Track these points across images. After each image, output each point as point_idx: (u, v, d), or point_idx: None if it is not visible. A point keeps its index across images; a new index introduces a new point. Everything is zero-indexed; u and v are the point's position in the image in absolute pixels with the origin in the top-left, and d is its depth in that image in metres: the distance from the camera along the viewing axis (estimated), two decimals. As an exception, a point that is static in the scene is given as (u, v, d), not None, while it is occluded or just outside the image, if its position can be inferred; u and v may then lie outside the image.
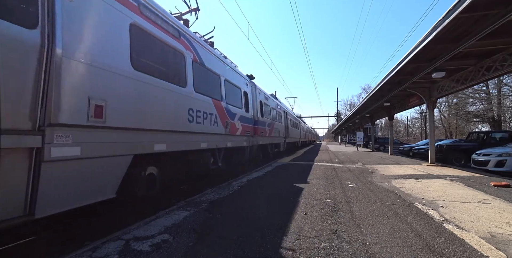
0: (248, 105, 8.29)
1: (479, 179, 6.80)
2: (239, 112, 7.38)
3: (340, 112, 60.87)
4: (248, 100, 8.42)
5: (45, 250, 2.91)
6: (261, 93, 10.32)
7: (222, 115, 6.13)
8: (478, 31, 5.35)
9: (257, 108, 9.26)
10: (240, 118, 7.39)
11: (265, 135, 10.21)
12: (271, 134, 11.29)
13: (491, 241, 2.76)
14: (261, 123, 9.57)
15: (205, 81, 5.55)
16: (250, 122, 8.38)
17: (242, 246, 2.61)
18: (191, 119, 4.78)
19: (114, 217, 3.96)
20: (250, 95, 8.70)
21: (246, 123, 7.88)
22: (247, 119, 8.07)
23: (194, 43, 5.18)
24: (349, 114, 29.16)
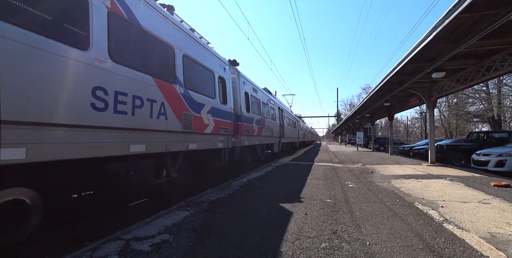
0: (226, 96, 6.45)
1: (479, 179, 6.80)
2: (211, 103, 5.55)
3: (340, 112, 60.89)
4: (227, 89, 6.57)
5: (45, 250, 2.91)
6: (248, 83, 8.62)
7: (176, 104, 4.32)
8: (478, 31, 5.35)
9: (241, 101, 7.59)
10: (212, 111, 5.58)
11: (253, 134, 8.57)
12: (262, 133, 9.69)
13: (491, 241, 2.76)
14: (246, 119, 7.94)
15: (139, 49, 3.72)
16: (229, 117, 6.57)
17: (242, 246, 2.61)
18: (101, 106, 2.95)
19: (114, 217, 3.96)
20: (230, 83, 6.87)
21: (221, 118, 6.06)
22: (224, 113, 6.27)
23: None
24: (349, 114, 29.16)
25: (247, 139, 7.96)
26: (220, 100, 6.12)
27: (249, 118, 8.33)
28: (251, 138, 8.45)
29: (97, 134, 2.93)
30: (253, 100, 9.07)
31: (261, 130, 9.71)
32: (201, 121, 5.17)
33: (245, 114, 7.95)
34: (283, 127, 14.35)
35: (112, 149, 3.13)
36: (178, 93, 4.46)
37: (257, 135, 9.06)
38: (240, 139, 7.34)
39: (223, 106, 6.29)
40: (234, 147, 7.14)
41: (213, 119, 5.62)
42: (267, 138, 10.71)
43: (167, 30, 4.34)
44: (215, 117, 5.74)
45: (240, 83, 7.79)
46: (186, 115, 4.63)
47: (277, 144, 12.82)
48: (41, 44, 2.38)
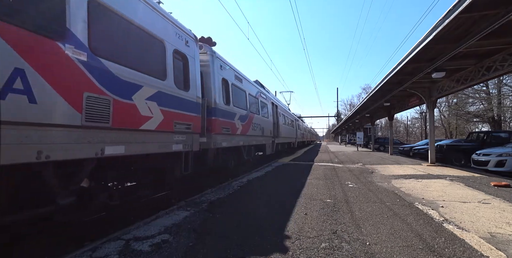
0: (188, 79, 4.71)
1: (479, 179, 6.80)
2: (156, 86, 3.80)
3: (340, 112, 60.88)
4: (190, 71, 4.79)
5: (45, 250, 2.91)
6: (228, 69, 6.90)
7: (67, 79, 2.61)
8: (478, 31, 5.35)
9: (216, 90, 5.87)
10: (160, 98, 3.87)
11: (235, 132, 7.00)
12: (248, 132, 8.08)
13: (491, 241, 2.76)
14: (224, 113, 6.25)
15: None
16: (194, 109, 4.82)
17: (242, 246, 2.61)
18: None
19: (114, 217, 3.96)
20: (196, 64, 5.03)
21: (179, 110, 4.33)
22: (184, 102, 4.52)
23: None
24: (349, 114, 29.18)
25: (226, 139, 6.33)
26: (175, 84, 4.26)
27: (229, 112, 6.60)
28: (233, 138, 6.86)
29: None
30: (236, 90, 7.33)
31: (247, 128, 8.06)
32: (134, 111, 3.35)
33: (223, 107, 6.18)
34: (277, 126, 12.70)
35: None
36: (73, 60, 2.66)
37: (241, 134, 7.46)
38: (215, 139, 5.71)
39: (183, 93, 4.46)
40: (206, 150, 5.52)
41: (160, 110, 3.80)
42: (257, 138, 9.06)
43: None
44: (166, 107, 3.95)
45: (215, 66, 5.98)
46: (94, 99, 2.83)
47: (270, 145, 11.15)
48: None
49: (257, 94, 9.55)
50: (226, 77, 6.68)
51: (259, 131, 9.35)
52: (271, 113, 11.60)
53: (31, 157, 2.26)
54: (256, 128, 8.94)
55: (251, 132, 8.41)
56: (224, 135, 6.28)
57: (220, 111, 6.08)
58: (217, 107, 5.93)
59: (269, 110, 11.26)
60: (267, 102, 11.12)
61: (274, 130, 11.82)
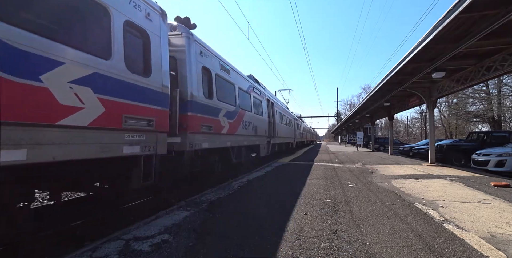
0: (149, 62, 3.73)
1: (479, 179, 6.80)
2: (89, 63, 2.82)
3: (340, 112, 60.93)
4: (152, 51, 3.78)
5: (45, 250, 2.91)
6: (211, 57, 5.88)
7: None
8: (478, 31, 5.35)
9: (192, 79, 4.91)
10: (96, 81, 2.89)
11: (220, 131, 6.05)
12: (237, 131, 7.12)
13: (491, 241, 2.76)
14: (205, 108, 5.28)
15: None
16: (158, 101, 3.85)
17: (242, 246, 2.61)
18: None
19: (114, 217, 3.96)
20: (162, 44, 4.02)
21: (133, 101, 3.38)
22: (143, 91, 3.57)
23: None
24: (349, 114, 29.17)
25: (207, 138, 5.43)
26: (127, 66, 3.29)
27: (212, 107, 5.61)
28: (217, 138, 5.94)
29: None
30: (222, 82, 6.32)
31: (236, 127, 7.09)
32: (47, 98, 2.38)
33: (202, 101, 5.21)
34: (274, 125, 11.84)
35: None
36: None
37: (228, 133, 6.50)
38: (191, 139, 4.79)
39: (140, 80, 3.48)
40: (181, 153, 4.63)
41: (99, 99, 2.84)
42: (249, 138, 8.17)
43: None
44: (109, 95, 2.98)
45: (192, 51, 4.96)
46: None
47: (265, 146, 10.27)
48: None
49: (249, 89, 8.52)
50: (209, 66, 5.65)
51: (252, 130, 8.45)
52: (266, 111, 10.68)
53: None
54: (247, 127, 8.03)
55: (242, 131, 7.49)
56: (205, 135, 5.34)
57: (199, 105, 5.09)
58: (195, 100, 4.93)
59: (264, 107, 10.35)
60: (262, 98, 10.15)
61: (269, 130, 10.95)
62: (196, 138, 4.99)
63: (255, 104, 9.06)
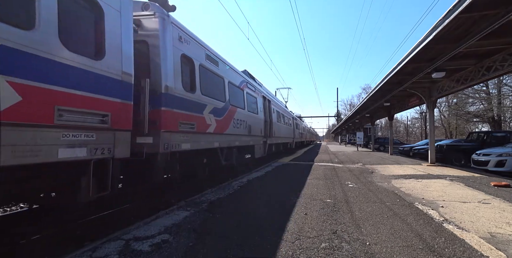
0: (103, 40, 3.04)
1: (479, 179, 6.80)
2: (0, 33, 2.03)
3: (340, 112, 60.95)
4: (107, 28, 3.08)
5: (45, 250, 2.91)
6: (195, 44, 5.10)
7: None
8: (478, 31, 5.35)
9: (168, 68, 4.17)
10: (15, 58, 2.13)
11: (205, 130, 5.33)
12: (227, 130, 6.42)
13: (491, 241, 2.76)
14: (184, 103, 4.56)
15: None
16: (115, 91, 3.15)
17: (242, 246, 2.61)
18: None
19: (114, 217, 3.96)
20: (123, 21, 3.34)
21: (74, 89, 2.63)
22: (91, 77, 2.85)
23: None
24: (349, 114, 29.17)
25: (189, 138, 4.71)
26: (63, 43, 2.55)
27: (194, 102, 4.90)
28: (202, 138, 5.22)
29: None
30: (208, 75, 5.59)
31: (226, 125, 6.41)
32: None
33: (181, 94, 4.48)
34: (271, 124, 11.14)
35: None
36: None
37: (216, 133, 5.79)
38: (167, 139, 4.07)
39: (85, 61, 2.78)
40: (153, 155, 3.91)
41: (9, 83, 2.10)
42: (241, 138, 7.49)
43: None
44: (28, 78, 2.23)
45: (168, 35, 4.19)
46: None
47: (260, 146, 9.59)
48: None
49: (242, 85, 7.84)
50: (190, 54, 4.90)
51: (245, 130, 7.79)
52: (262, 109, 10.00)
53: None
54: (240, 126, 7.31)
55: (233, 131, 6.77)
56: (186, 134, 4.62)
57: (176, 99, 4.33)
58: (171, 93, 4.18)
59: (260, 105, 9.70)
60: (257, 95, 9.43)
61: (266, 129, 10.26)
62: (174, 138, 4.27)
63: (249, 101, 8.35)
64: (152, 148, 3.89)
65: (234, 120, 6.92)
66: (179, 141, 4.43)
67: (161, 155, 3.98)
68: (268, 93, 12.16)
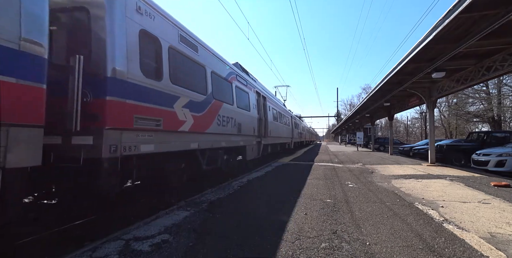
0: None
1: (479, 179, 6.80)
2: None
3: (340, 112, 60.97)
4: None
5: (45, 250, 2.91)
6: (162, 20, 4.18)
7: None
8: (478, 31, 5.35)
9: (117, 45, 3.21)
10: None
11: (178, 127, 4.40)
12: (210, 128, 5.49)
13: (491, 241, 2.76)
14: (144, 92, 3.64)
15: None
16: (15, 68, 2.17)
17: (242, 246, 2.61)
18: None
19: (114, 217, 3.96)
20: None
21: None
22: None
23: None
24: (349, 114, 29.17)
25: (154, 138, 3.80)
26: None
27: (160, 92, 3.95)
28: (174, 138, 4.30)
29: None
30: (182, 61, 4.69)
31: (208, 122, 5.40)
32: None
33: (140, 81, 3.57)
34: (266, 122, 10.20)
35: None
36: None
37: (193, 131, 4.81)
38: (115, 139, 3.14)
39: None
40: (96, 161, 2.98)
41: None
42: (229, 138, 6.53)
43: None
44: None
45: (119, 3, 3.29)
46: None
47: (253, 147, 8.60)
48: None
49: (230, 77, 6.80)
50: (155, 32, 3.91)
51: (234, 128, 6.76)
52: (256, 105, 8.96)
53: None
54: (227, 124, 6.29)
55: (217, 129, 5.73)
56: (146, 132, 3.62)
57: (130, 86, 3.36)
58: (121, 78, 3.21)
59: (253, 101, 8.63)
60: (249, 90, 8.41)
61: (260, 128, 9.29)
62: (127, 138, 3.28)
63: (239, 96, 7.34)
64: (93, 152, 2.95)
65: (219, 117, 5.90)
66: (136, 141, 3.43)
67: (107, 160, 2.99)
68: (263, 89, 11.24)
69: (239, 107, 7.30)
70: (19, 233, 3.08)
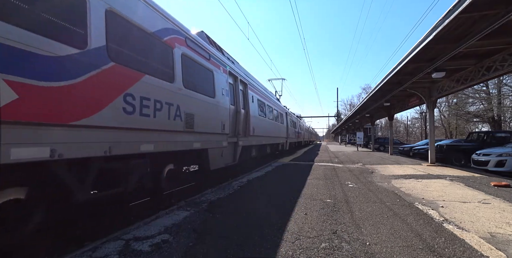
0: None
1: (479, 179, 6.80)
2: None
3: (340, 112, 60.99)
4: None
5: (45, 250, 2.91)
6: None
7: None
8: (478, 31, 5.35)
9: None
10: None
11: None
12: (90, 118, 2.73)
13: (491, 241, 2.76)
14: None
15: None
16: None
17: (242, 246, 2.61)
18: None
19: (114, 217, 3.96)
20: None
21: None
22: None
23: None
24: (349, 114, 29.17)
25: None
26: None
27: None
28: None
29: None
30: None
31: (85, 105, 2.70)
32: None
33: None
34: (247, 117, 7.86)
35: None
36: None
37: (29, 121, 2.16)
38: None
39: None
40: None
41: None
42: (161, 137, 3.96)
43: None
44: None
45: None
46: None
47: (223, 151, 6.25)
48: None
49: (169, 36, 4.32)
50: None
51: (174, 121, 4.25)
52: (228, 92, 6.48)
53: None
54: (154, 112, 3.77)
55: (119, 119, 3.16)
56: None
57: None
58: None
59: (220, 84, 6.13)
60: (215, 68, 5.92)
61: (236, 124, 7.00)
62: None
63: (190, 71, 4.86)
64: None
65: (131, 98, 3.34)
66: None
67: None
68: (247, 75, 8.84)
69: (190, 89, 4.79)
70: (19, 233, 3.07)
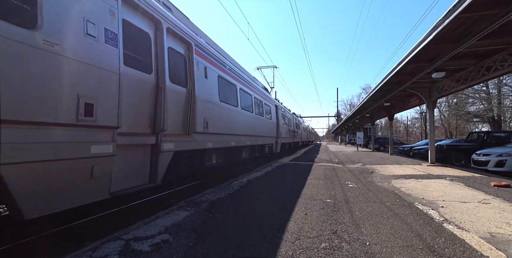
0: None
1: (479, 179, 6.80)
2: None
3: (340, 112, 60.98)
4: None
5: (45, 250, 2.91)
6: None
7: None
8: (478, 31, 5.35)
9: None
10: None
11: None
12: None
13: (491, 241, 2.75)
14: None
15: None
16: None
17: (242, 246, 2.61)
18: None
19: (114, 217, 3.96)
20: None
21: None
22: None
23: None
24: (349, 114, 29.17)
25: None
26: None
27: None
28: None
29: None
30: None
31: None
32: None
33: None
34: (189, 100, 4.69)
35: None
36: None
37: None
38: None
39: None
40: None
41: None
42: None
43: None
44: None
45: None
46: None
47: (135, 165, 3.59)
48: None
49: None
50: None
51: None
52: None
53: None
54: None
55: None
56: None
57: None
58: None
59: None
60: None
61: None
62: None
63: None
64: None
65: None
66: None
67: None
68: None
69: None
70: (19, 233, 3.08)
